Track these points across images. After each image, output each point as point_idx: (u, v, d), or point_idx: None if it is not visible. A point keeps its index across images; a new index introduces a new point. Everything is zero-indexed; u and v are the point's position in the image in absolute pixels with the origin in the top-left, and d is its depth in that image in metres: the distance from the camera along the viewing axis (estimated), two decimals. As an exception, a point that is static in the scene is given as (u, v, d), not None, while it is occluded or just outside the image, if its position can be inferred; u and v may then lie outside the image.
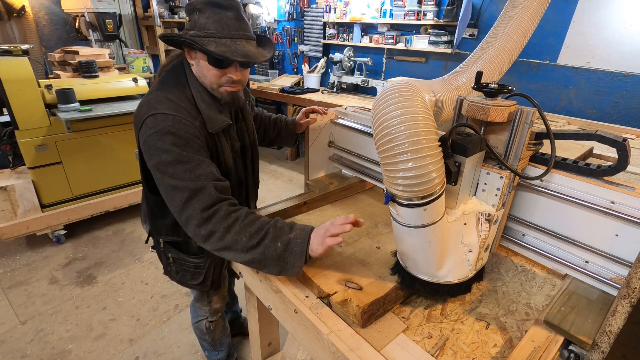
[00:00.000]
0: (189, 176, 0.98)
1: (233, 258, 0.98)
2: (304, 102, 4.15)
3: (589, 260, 0.92)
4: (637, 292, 0.71)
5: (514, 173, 0.88)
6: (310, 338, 0.93)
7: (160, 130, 0.99)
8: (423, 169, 0.76)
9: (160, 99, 1.05)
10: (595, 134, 0.84)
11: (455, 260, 0.92)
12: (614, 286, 0.88)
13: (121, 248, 2.83)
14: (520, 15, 1.21)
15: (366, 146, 1.44)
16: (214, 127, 1.11)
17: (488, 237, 0.93)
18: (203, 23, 1.01)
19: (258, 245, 0.95)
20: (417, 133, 0.75)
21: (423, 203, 0.78)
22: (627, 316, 0.74)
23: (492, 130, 0.92)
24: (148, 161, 1.03)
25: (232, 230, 0.96)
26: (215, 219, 0.97)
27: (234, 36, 1.03)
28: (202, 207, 0.96)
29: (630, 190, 0.82)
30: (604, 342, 0.79)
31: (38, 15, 4.17)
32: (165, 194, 1.02)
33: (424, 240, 0.85)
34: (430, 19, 3.54)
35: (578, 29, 2.91)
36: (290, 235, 0.96)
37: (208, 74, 1.07)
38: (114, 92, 3.00)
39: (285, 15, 4.89)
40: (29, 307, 2.23)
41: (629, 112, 2.85)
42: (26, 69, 2.45)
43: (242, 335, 2.06)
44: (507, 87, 0.87)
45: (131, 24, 5.13)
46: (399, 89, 0.81)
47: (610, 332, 0.78)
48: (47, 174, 2.69)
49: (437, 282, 0.94)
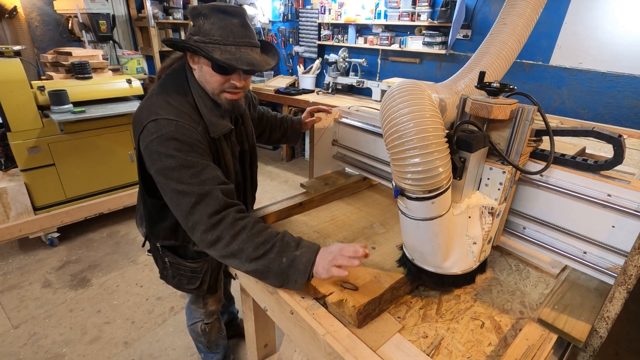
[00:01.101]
0: (195, 180, 0.97)
1: (236, 266, 0.98)
2: (299, 103, 4.15)
3: (587, 251, 0.95)
4: (633, 279, 0.75)
5: (516, 168, 0.92)
6: (306, 339, 0.93)
7: (163, 135, 0.98)
8: (431, 164, 0.79)
9: (162, 104, 1.03)
10: (592, 130, 0.87)
11: (460, 252, 0.95)
12: (611, 275, 0.91)
13: (116, 250, 2.81)
14: (514, 22, 1.25)
15: (369, 144, 1.46)
16: (216, 132, 1.11)
17: (491, 230, 0.98)
18: (208, 29, 1.00)
19: (263, 257, 0.94)
20: (425, 130, 0.78)
21: (431, 197, 0.82)
22: (623, 302, 0.77)
23: (494, 127, 0.95)
24: (150, 166, 1.01)
25: (239, 239, 0.95)
26: (223, 225, 0.96)
27: (239, 43, 1.02)
28: (209, 212, 0.96)
29: (626, 183, 0.85)
30: (602, 327, 0.83)
31: (30, 16, 4.12)
32: (170, 199, 1.00)
33: (431, 232, 0.89)
34: (425, 20, 3.56)
35: (570, 30, 2.94)
36: (296, 252, 0.95)
37: (211, 80, 1.07)
38: (108, 94, 2.98)
39: (280, 16, 4.89)
40: (21, 311, 2.20)
41: (620, 112, 2.88)
42: (18, 70, 2.43)
43: (238, 336, 2.05)
44: (509, 86, 0.90)
45: (125, 24, 5.09)
46: (407, 87, 0.84)
47: (608, 317, 0.81)
48: (40, 177, 2.66)
49: (443, 273, 0.97)
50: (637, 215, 0.83)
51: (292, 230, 1.29)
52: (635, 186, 0.84)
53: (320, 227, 1.31)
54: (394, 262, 1.08)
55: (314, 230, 1.29)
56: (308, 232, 1.27)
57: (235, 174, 1.27)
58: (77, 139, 2.76)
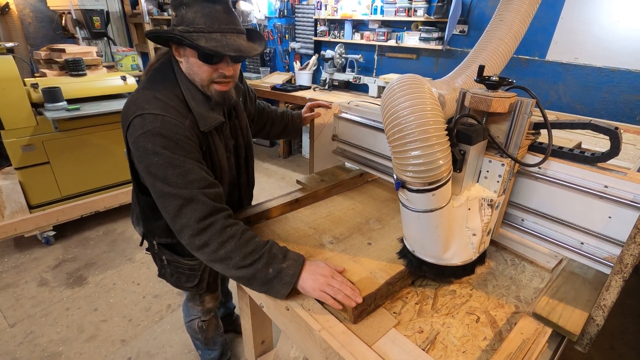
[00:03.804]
0: (181, 181, 0.96)
1: (222, 271, 0.98)
2: (296, 100, 4.14)
3: (584, 242, 0.96)
4: (629, 268, 0.76)
5: (515, 161, 0.93)
6: (302, 335, 0.93)
7: (149, 131, 0.96)
8: (431, 156, 0.80)
9: (148, 98, 1.01)
10: (590, 123, 0.88)
11: (460, 243, 0.97)
12: (607, 265, 0.93)
13: (112, 248, 2.80)
14: (511, 18, 1.26)
15: (369, 139, 1.46)
16: (206, 125, 1.08)
17: (490, 222, 0.99)
18: (191, 18, 0.98)
19: (250, 267, 0.95)
20: (425, 123, 0.79)
21: (431, 189, 0.84)
22: (619, 290, 0.79)
23: (493, 120, 0.96)
24: (138, 163, 1.00)
25: (227, 247, 0.95)
26: (211, 231, 0.95)
27: (224, 30, 1.00)
28: (197, 217, 0.95)
29: (622, 175, 0.86)
30: (599, 315, 0.84)
31: (23, 12, 4.08)
32: (157, 199, 0.99)
33: (431, 224, 0.90)
34: (421, 16, 3.55)
35: (566, 26, 2.94)
36: (282, 265, 0.96)
37: (199, 71, 1.04)
38: (102, 91, 2.95)
39: (276, 12, 4.85)
40: (17, 310, 2.19)
41: (616, 107, 2.89)
42: (11, 67, 2.40)
43: (235, 332, 2.05)
44: (508, 79, 0.91)
45: (119, 21, 5.06)
46: (407, 81, 0.84)
47: (605, 305, 0.82)
48: (34, 175, 2.65)
49: (443, 264, 0.98)
50: (633, 206, 0.84)
51: (288, 226, 1.29)
52: (632, 177, 0.84)
53: (316, 224, 1.31)
54: (390, 258, 1.08)
55: (310, 226, 1.29)
56: (304, 229, 1.27)
57: (230, 169, 1.25)
58: (72, 136, 2.74)
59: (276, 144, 5.05)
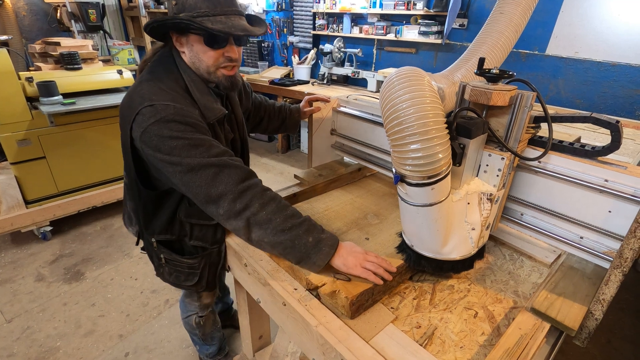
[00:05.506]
0: (208, 154, 0.95)
1: (261, 236, 0.97)
2: (295, 94, 4.11)
3: (584, 236, 0.96)
4: (628, 262, 0.76)
5: (514, 154, 0.92)
6: (299, 330, 0.92)
7: (163, 118, 0.94)
8: (431, 150, 0.80)
9: (154, 90, 0.99)
10: (590, 116, 0.87)
11: (459, 237, 0.96)
12: (607, 259, 0.92)
13: (110, 244, 2.79)
14: (511, 11, 1.24)
15: (368, 133, 1.45)
16: (211, 117, 1.07)
17: (489, 216, 0.98)
18: (193, 3, 0.97)
19: (290, 231, 0.95)
20: (425, 116, 0.79)
21: (430, 183, 0.83)
22: (619, 285, 0.78)
23: (493, 114, 0.95)
24: (153, 152, 0.96)
25: (268, 209, 0.95)
26: (252, 192, 0.95)
27: (227, 12, 1.00)
28: (236, 180, 0.95)
29: (623, 169, 0.86)
30: (598, 309, 0.84)
31: (17, 5, 4.03)
32: (183, 180, 0.95)
33: (430, 218, 0.89)
34: (420, 9, 3.52)
35: (566, 20, 2.92)
36: (322, 235, 0.97)
37: (204, 57, 1.03)
38: (99, 85, 2.92)
39: (274, 5, 4.80)
40: (14, 305, 2.18)
41: (615, 102, 2.88)
42: (5, 61, 2.37)
43: (233, 327, 2.05)
44: (508, 72, 0.90)
45: (115, 14, 5.00)
46: (406, 74, 0.83)
47: (604, 300, 0.82)
48: (30, 169, 2.62)
49: (442, 258, 0.98)
50: (634, 200, 0.84)
51: (285, 221, 1.28)
52: (632, 171, 0.84)
53: (314, 218, 1.28)
54: (388, 253, 1.07)
55: (308, 221, 1.28)
56: (301, 224, 1.26)
57: None
58: (68, 131, 2.71)
59: (274, 139, 5.03)
